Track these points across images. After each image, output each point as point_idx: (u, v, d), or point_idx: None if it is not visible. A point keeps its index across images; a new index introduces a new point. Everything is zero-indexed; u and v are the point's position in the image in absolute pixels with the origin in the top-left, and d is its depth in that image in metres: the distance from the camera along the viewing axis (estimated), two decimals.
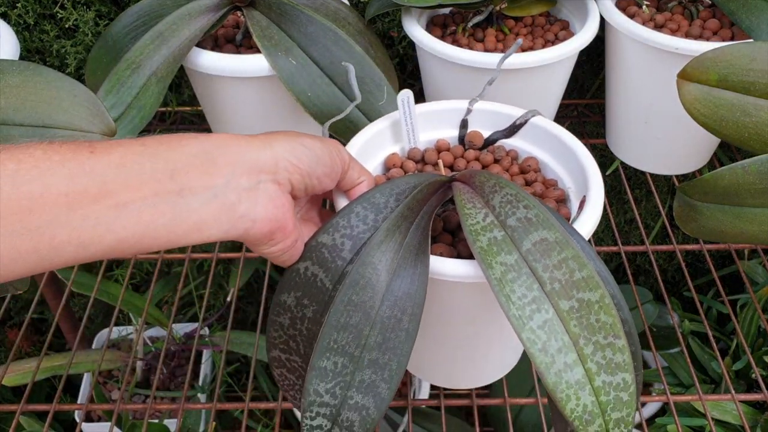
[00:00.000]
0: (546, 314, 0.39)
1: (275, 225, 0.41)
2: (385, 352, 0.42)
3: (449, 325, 0.52)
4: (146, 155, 0.36)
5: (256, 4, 0.67)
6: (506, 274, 0.40)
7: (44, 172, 0.33)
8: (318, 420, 0.43)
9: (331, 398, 0.42)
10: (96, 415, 1.03)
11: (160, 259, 0.78)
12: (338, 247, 0.44)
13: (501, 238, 0.41)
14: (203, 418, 0.96)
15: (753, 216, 0.53)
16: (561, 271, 0.40)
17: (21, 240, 0.33)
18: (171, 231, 0.37)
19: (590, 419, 0.39)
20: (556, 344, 0.39)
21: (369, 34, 0.73)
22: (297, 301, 0.45)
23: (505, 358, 0.58)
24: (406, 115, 0.55)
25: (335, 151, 0.45)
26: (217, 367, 1.04)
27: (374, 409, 0.42)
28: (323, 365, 0.42)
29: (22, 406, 0.64)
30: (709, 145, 0.77)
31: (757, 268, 0.94)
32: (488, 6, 0.72)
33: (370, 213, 0.45)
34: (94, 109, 0.53)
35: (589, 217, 0.47)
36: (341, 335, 0.42)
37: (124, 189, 0.35)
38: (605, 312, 0.40)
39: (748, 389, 0.89)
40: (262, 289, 1.15)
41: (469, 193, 0.45)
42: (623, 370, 0.39)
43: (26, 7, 0.82)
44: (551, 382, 0.38)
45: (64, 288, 0.95)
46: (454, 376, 0.60)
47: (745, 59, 0.53)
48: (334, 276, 0.44)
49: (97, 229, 0.35)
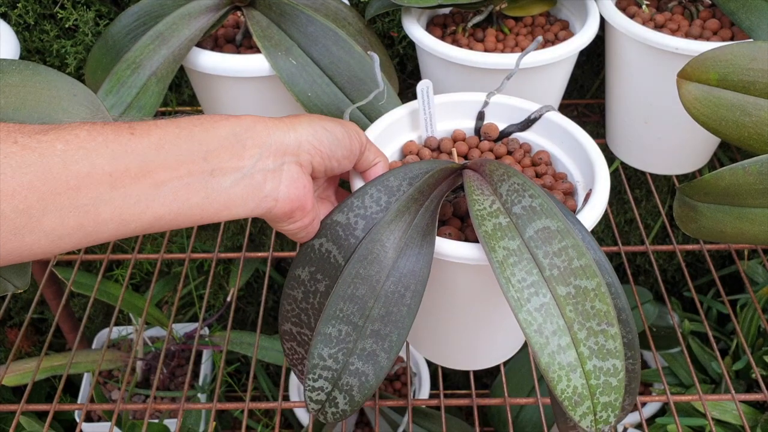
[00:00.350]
0: (543, 298, 0.41)
1: (296, 204, 0.43)
2: (387, 324, 0.44)
3: (453, 306, 0.53)
4: (182, 137, 0.39)
5: (256, 4, 0.67)
6: (508, 258, 0.42)
7: (90, 152, 0.35)
8: (320, 382, 0.45)
9: (333, 363, 0.45)
10: (96, 415, 1.03)
11: (160, 259, 0.78)
12: (352, 225, 0.46)
13: (506, 224, 0.43)
14: (203, 418, 0.96)
15: (753, 216, 0.53)
16: (560, 259, 0.42)
17: (69, 217, 0.35)
18: (203, 209, 0.39)
19: (579, 401, 0.40)
20: (551, 327, 0.41)
21: (369, 34, 0.73)
22: (311, 275, 0.48)
23: (507, 342, 0.60)
24: (425, 104, 0.57)
25: (354, 133, 0.47)
26: (217, 367, 1.05)
27: (373, 376, 0.45)
28: (328, 332, 0.44)
29: (22, 406, 0.64)
30: (709, 145, 0.77)
31: (757, 268, 0.94)
32: (488, 6, 0.72)
33: (384, 195, 0.47)
34: (94, 108, 0.53)
35: (593, 209, 0.49)
36: (347, 305, 0.44)
37: (162, 169, 0.37)
38: (600, 300, 0.41)
39: (748, 389, 0.89)
40: (262, 289, 1.15)
41: (478, 180, 0.47)
42: (614, 357, 0.41)
43: (26, 7, 0.82)
44: (544, 363, 0.40)
45: (64, 288, 0.95)
46: (456, 357, 0.61)
47: (745, 59, 0.53)
48: (346, 253, 0.46)
49: (137, 207, 0.37)
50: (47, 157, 0.34)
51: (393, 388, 1.12)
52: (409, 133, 0.59)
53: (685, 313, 1.01)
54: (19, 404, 0.64)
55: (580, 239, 0.42)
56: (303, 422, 1.04)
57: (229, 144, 0.40)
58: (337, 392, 0.45)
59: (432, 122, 0.58)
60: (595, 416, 0.41)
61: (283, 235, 1.08)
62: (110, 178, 0.36)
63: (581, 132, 0.55)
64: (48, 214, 0.34)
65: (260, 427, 1.02)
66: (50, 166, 0.34)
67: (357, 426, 1.07)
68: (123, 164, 0.36)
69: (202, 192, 0.39)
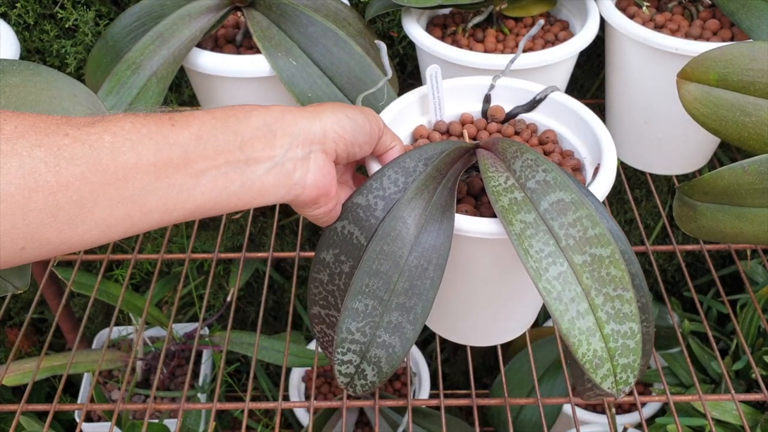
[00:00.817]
0: (561, 267, 0.43)
1: (322, 191, 0.45)
2: (411, 297, 0.46)
3: (472, 282, 0.55)
4: (218, 128, 0.40)
5: (256, 5, 0.67)
6: (525, 231, 0.44)
7: (135, 143, 0.36)
8: (349, 355, 0.47)
9: (361, 336, 0.47)
10: (96, 415, 1.03)
11: (160, 259, 0.78)
12: (372, 207, 0.48)
13: (521, 198, 0.45)
14: (203, 418, 0.97)
15: (753, 216, 0.53)
16: (575, 229, 0.44)
17: (118, 207, 0.36)
18: (239, 197, 0.41)
19: (600, 363, 0.42)
20: (569, 294, 0.43)
21: (369, 34, 0.73)
22: (335, 257, 0.49)
23: (524, 315, 0.61)
24: (434, 89, 0.58)
25: (373, 119, 0.49)
26: (217, 367, 1.05)
27: (400, 347, 0.47)
28: (355, 306, 0.46)
29: (22, 406, 0.64)
30: (709, 145, 0.77)
31: (757, 268, 0.94)
32: (488, 6, 0.72)
33: (401, 176, 0.49)
34: (94, 108, 0.53)
35: (603, 181, 0.51)
36: (372, 281, 0.46)
37: (202, 158, 0.39)
38: (615, 266, 0.43)
39: (748, 389, 0.89)
40: (262, 289, 1.15)
41: (492, 158, 0.48)
42: (630, 320, 0.43)
43: (26, 7, 0.82)
44: (564, 328, 0.42)
45: (65, 288, 0.95)
46: (476, 333, 0.62)
47: (745, 59, 0.53)
48: (368, 233, 0.48)
49: (180, 196, 0.38)
50: (97, 149, 0.35)
51: (393, 388, 1.12)
52: (419, 118, 0.60)
53: (685, 313, 1.01)
54: (19, 404, 0.64)
55: (594, 210, 0.44)
56: (303, 422, 1.05)
57: (262, 134, 0.42)
58: (365, 364, 0.47)
59: (441, 106, 0.59)
60: (615, 378, 0.43)
61: (283, 236, 1.08)
62: (154, 168, 0.37)
63: (586, 110, 0.57)
64: (98, 205, 0.35)
65: (260, 427, 1.02)
66: (100, 157, 0.35)
67: (357, 426, 1.07)
68: (166, 155, 0.37)
69: (239, 180, 0.41)
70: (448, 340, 1.23)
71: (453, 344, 1.24)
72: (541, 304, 0.60)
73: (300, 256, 0.78)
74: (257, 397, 1.16)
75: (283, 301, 1.18)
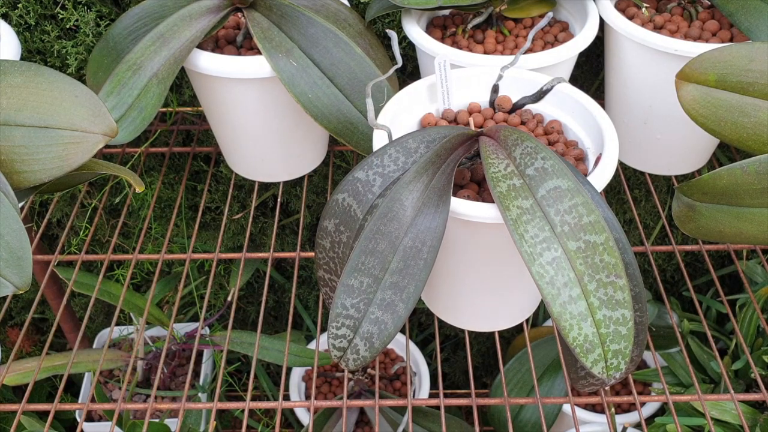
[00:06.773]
0: (555, 252, 0.44)
1: None
2: (405, 276, 0.48)
3: (471, 266, 0.56)
4: None
5: (256, 6, 0.67)
6: (521, 216, 0.45)
7: None
8: (342, 330, 0.49)
9: (355, 312, 0.48)
10: (97, 415, 1.03)
11: (160, 259, 0.79)
12: (370, 182, 0.50)
13: (519, 185, 0.46)
14: (204, 418, 0.97)
15: (751, 216, 0.53)
16: (571, 216, 0.45)
17: None
18: None
19: (590, 348, 0.43)
20: (562, 279, 0.44)
21: (369, 35, 0.73)
22: (335, 227, 0.52)
23: (523, 302, 0.62)
24: (443, 77, 0.59)
25: None
26: (218, 366, 1.05)
27: (391, 324, 0.48)
28: (351, 283, 0.48)
29: (23, 406, 0.64)
30: (708, 145, 0.77)
31: (756, 268, 0.94)
32: (488, 7, 0.72)
33: (401, 155, 0.50)
34: (95, 109, 0.53)
35: (603, 171, 0.52)
36: (368, 259, 0.48)
37: None
38: (609, 253, 0.44)
39: (747, 389, 0.89)
40: (262, 289, 1.16)
41: (493, 145, 0.50)
42: (623, 307, 0.44)
43: (27, 8, 0.82)
44: (556, 312, 0.43)
45: (65, 288, 0.96)
46: (475, 318, 0.63)
47: (744, 60, 0.53)
48: (364, 207, 0.50)
49: None
50: None
51: (393, 388, 1.12)
52: (427, 106, 0.61)
53: (684, 313, 1.01)
54: (20, 404, 0.64)
55: (590, 197, 0.45)
56: (303, 422, 1.05)
57: None
58: (358, 339, 0.48)
59: (449, 95, 0.60)
60: (606, 363, 0.44)
61: (284, 236, 1.08)
62: None
63: (591, 101, 0.58)
64: None
65: (261, 427, 1.03)
66: None
67: (357, 426, 1.07)
68: None
69: None
70: (448, 340, 1.23)
71: (453, 344, 1.24)
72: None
73: (300, 256, 0.78)
74: (258, 396, 1.16)
75: (283, 300, 1.19)
